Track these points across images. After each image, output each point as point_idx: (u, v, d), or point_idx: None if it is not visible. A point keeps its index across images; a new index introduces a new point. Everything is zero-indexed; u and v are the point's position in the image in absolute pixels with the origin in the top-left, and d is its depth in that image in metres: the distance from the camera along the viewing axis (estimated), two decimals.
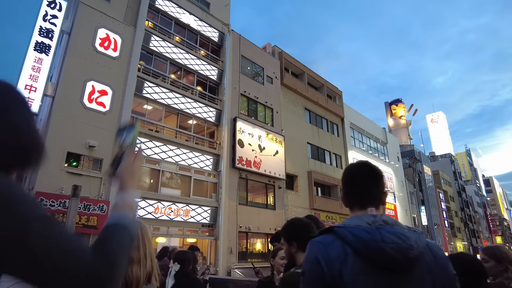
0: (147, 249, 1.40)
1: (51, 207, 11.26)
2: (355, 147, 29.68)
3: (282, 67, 23.65)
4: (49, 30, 13.81)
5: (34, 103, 12.78)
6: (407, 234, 1.14)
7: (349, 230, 1.17)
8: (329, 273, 1.10)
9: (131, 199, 0.94)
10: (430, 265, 1.14)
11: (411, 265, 1.11)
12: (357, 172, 1.37)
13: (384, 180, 1.36)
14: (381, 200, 1.32)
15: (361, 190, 1.32)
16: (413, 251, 1.11)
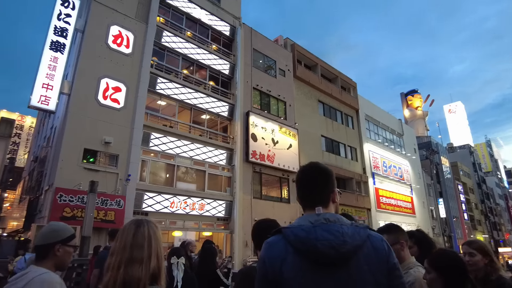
0: (153, 249, 1.35)
1: (70, 202, 11.53)
2: (370, 139, 29.22)
3: (294, 59, 23.39)
4: (63, 29, 14.03)
5: (51, 101, 13.04)
6: (342, 230, 1.21)
7: (291, 230, 1.27)
8: (271, 271, 1.21)
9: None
10: (369, 257, 1.22)
11: (346, 259, 1.18)
12: (306, 174, 1.44)
13: (333, 180, 1.43)
14: (329, 200, 1.38)
15: (310, 191, 1.40)
16: (346, 246, 1.18)
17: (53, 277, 1.72)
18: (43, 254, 1.82)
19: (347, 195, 23.92)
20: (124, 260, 1.27)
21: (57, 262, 1.84)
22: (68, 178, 11.82)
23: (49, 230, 1.87)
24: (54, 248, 1.82)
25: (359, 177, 25.63)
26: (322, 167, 1.45)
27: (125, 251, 1.30)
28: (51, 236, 1.84)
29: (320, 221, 1.27)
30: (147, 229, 1.37)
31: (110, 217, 12.27)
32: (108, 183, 12.71)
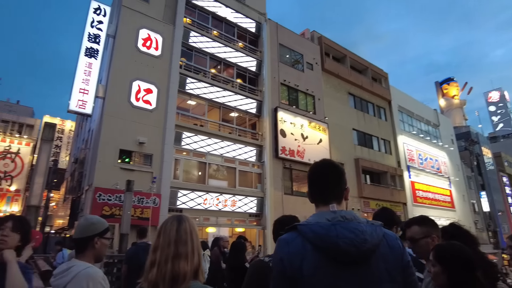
0: (194, 244, 1.37)
1: (109, 201, 12.05)
2: (404, 131, 28.12)
3: (322, 52, 22.94)
4: (96, 36, 14.66)
5: (88, 105, 13.69)
6: (361, 229, 1.23)
7: (309, 227, 1.26)
8: (290, 268, 1.20)
9: None
10: (385, 255, 1.24)
11: (366, 256, 1.20)
12: (319, 170, 1.45)
13: (345, 177, 1.45)
14: (342, 197, 1.41)
15: (323, 187, 1.41)
16: (366, 244, 1.20)
17: (97, 272, 1.78)
18: (83, 247, 1.88)
19: (382, 190, 23.21)
20: (171, 256, 1.30)
21: (96, 254, 1.90)
22: (105, 178, 12.36)
23: (87, 223, 1.92)
24: (93, 241, 1.87)
25: (393, 171, 24.78)
26: (335, 164, 1.47)
27: (169, 247, 1.32)
28: (89, 229, 1.89)
29: (337, 219, 1.27)
30: (188, 225, 1.40)
31: (146, 214, 12.70)
32: (143, 182, 13.15)
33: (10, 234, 2.02)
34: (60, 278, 1.77)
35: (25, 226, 2.14)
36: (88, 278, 1.72)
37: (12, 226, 2.05)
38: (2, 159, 27.43)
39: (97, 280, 1.73)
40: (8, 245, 2.00)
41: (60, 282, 1.75)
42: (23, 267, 2.03)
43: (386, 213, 2.57)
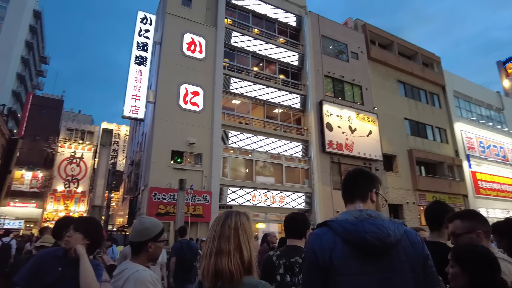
0: (241, 240, 1.35)
1: (163, 200, 12.70)
2: (462, 117, 26.04)
3: (367, 40, 22.01)
4: (144, 44, 15.45)
5: (140, 110, 14.50)
6: (385, 225, 1.39)
7: (339, 223, 1.43)
8: (322, 259, 1.36)
9: None
10: (406, 249, 1.39)
11: (389, 249, 1.36)
12: (349, 174, 1.65)
13: (374, 182, 1.58)
14: (368, 198, 1.54)
15: (351, 188, 1.59)
16: (390, 238, 1.36)
17: (145, 275, 1.84)
18: (138, 250, 1.96)
19: (438, 181, 21.77)
20: (214, 251, 1.31)
21: (149, 257, 1.98)
22: (160, 178, 13.05)
23: (142, 227, 1.99)
24: (147, 245, 1.95)
25: (451, 161, 23.10)
26: (364, 170, 1.65)
27: (214, 241, 1.33)
28: (143, 234, 1.96)
29: (364, 216, 1.43)
30: (234, 221, 1.38)
31: (198, 211, 13.20)
32: (194, 181, 13.67)
33: (73, 234, 2.18)
34: (116, 281, 1.89)
35: (86, 226, 2.27)
36: (136, 282, 1.80)
37: (74, 227, 2.22)
38: (69, 164, 30.12)
39: (144, 284, 1.80)
40: (71, 245, 2.16)
41: (116, 284, 1.87)
42: (94, 263, 2.20)
43: (438, 206, 2.39)
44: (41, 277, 2.07)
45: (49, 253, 2.27)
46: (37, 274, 2.09)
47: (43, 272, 2.08)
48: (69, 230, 2.22)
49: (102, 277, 2.29)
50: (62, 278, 2.07)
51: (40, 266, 2.12)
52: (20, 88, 33.66)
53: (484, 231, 1.88)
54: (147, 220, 2.04)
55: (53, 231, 2.76)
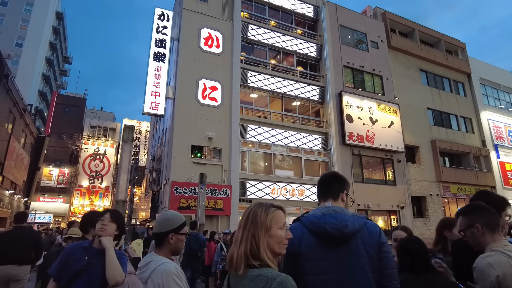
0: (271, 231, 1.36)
1: (185, 194, 12.90)
2: (489, 106, 24.98)
3: (387, 28, 21.39)
4: (162, 40, 15.59)
5: (160, 106, 14.70)
6: (345, 218, 1.64)
7: (307, 218, 1.73)
8: (292, 248, 1.56)
9: None
10: (364, 238, 1.64)
11: (349, 238, 1.61)
12: (323, 177, 1.94)
13: (344, 185, 1.88)
14: (339, 197, 1.83)
15: (326, 189, 1.86)
16: (348, 229, 1.61)
17: (170, 268, 1.86)
18: (160, 241, 1.99)
19: (464, 173, 21.05)
20: (245, 237, 1.34)
21: (172, 249, 2.00)
22: (181, 173, 13.25)
23: (163, 219, 2.02)
24: (168, 237, 1.96)
25: (477, 151, 22.27)
26: (338, 174, 1.96)
27: (246, 228, 1.37)
28: (164, 225, 1.99)
29: (329, 211, 1.70)
30: (262, 211, 1.40)
31: (219, 205, 13.33)
32: (214, 175, 13.81)
33: (109, 224, 2.34)
34: (142, 273, 1.92)
35: (119, 217, 2.46)
36: (162, 274, 1.82)
37: (110, 217, 2.37)
38: (93, 160, 31.07)
39: (170, 276, 1.82)
40: (107, 233, 2.31)
41: (142, 276, 1.91)
42: (119, 253, 2.31)
43: (482, 196, 2.33)
44: (70, 266, 2.23)
45: (76, 245, 2.42)
46: (66, 264, 2.25)
47: (71, 262, 2.24)
48: (103, 219, 2.33)
49: (127, 268, 2.36)
50: (89, 266, 2.21)
51: (68, 257, 2.29)
52: (46, 88, 34.84)
53: (483, 224, 1.85)
54: (169, 212, 2.08)
55: (80, 225, 2.88)
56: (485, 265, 1.69)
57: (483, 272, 1.67)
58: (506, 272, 1.63)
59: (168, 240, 1.96)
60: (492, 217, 1.89)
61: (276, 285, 1.24)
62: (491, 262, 1.68)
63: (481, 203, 2.01)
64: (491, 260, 1.69)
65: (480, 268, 1.70)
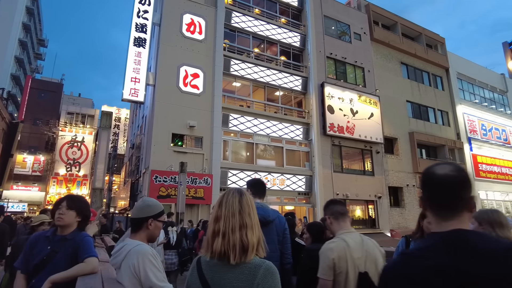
0: (256, 217, 1.39)
1: (164, 182, 12.75)
2: (464, 100, 25.78)
3: (370, 20, 21.54)
4: (143, 25, 15.13)
5: (140, 93, 14.35)
6: (268, 210, 2.73)
7: None
8: None
9: None
10: (277, 224, 2.75)
11: (269, 223, 2.66)
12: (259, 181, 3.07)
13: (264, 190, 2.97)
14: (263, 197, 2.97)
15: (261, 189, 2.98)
16: (269, 218, 2.68)
17: (146, 249, 1.86)
18: (138, 226, 1.98)
19: None
20: (237, 226, 1.32)
21: (149, 235, 1.99)
22: (160, 161, 13.06)
23: (144, 205, 2.02)
24: (147, 222, 1.96)
25: (452, 144, 23.04)
26: (259, 181, 3.09)
27: (234, 217, 1.34)
28: (145, 211, 1.98)
29: (259, 205, 2.49)
30: (249, 199, 1.42)
31: (199, 194, 13.27)
32: (195, 163, 13.69)
33: (66, 212, 2.27)
34: (115, 257, 1.90)
35: (77, 203, 2.35)
36: (137, 254, 1.81)
37: (66, 204, 2.30)
38: (70, 148, 30.19)
39: (146, 256, 1.81)
40: (64, 222, 2.25)
41: (116, 260, 1.89)
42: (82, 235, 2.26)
43: None
44: (33, 256, 2.19)
45: (39, 235, 2.38)
46: (30, 254, 2.22)
47: (35, 252, 2.20)
48: (60, 208, 2.26)
49: (102, 256, 2.31)
50: (52, 254, 2.17)
51: (32, 247, 2.24)
52: (19, 71, 33.32)
53: (330, 214, 2.37)
54: (149, 199, 2.10)
55: (52, 212, 2.80)
56: (326, 249, 2.14)
57: (324, 254, 2.13)
58: (341, 255, 2.08)
59: (147, 225, 1.96)
60: (335, 207, 2.36)
61: (262, 271, 1.25)
62: (332, 247, 2.13)
63: (334, 199, 2.77)
64: (332, 246, 2.14)
65: (323, 251, 2.16)
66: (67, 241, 2.17)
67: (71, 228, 2.28)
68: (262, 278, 1.23)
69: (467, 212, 1.02)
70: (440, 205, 1.03)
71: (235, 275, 1.25)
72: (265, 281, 1.23)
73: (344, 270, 2.06)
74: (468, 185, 1.04)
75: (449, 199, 1.02)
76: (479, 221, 2.18)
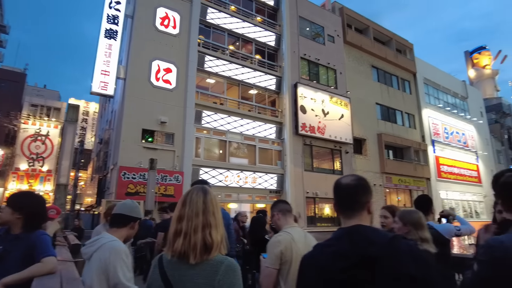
0: (219, 216, 1.40)
1: (133, 179, 12.45)
2: (430, 104, 27.06)
3: (344, 23, 22.06)
4: (115, 17, 14.64)
5: (109, 86, 13.90)
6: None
7: None
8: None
9: None
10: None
11: None
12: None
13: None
14: None
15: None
16: None
17: (121, 245, 1.85)
18: (123, 223, 1.95)
19: (405, 165, 22.72)
20: (200, 225, 1.31)
21: (129, 235, 1.99)
22: (130, 157, 12.72)
23: (134, 206, 2.05)
24: (134, 222, 1.98)
25: (417, 146, 24.12)
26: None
27: (198, 217, 1.33)
28: (135, 211, 2.01)
29: None
30: (213, 197, 1.41)
31: (170, 191, 13.06)
32: (166, 160, 13.46)
33: (4, 209, 2.16)
34: (88, 247, 1.87)
35: (16, 200, 2.21)
36: (111, 250, 1.79)
37: (7, 202, 2.20)
38: (34, 141, 28.69)
39: (119, 253, 1.79)
40: (2, 220, 2.15)
41: (88, 250, 1.85)
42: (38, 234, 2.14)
43: (424, 198, 3.46)
44: None
45: None
46: None
47: None
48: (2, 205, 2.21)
49: (65, 255, 2.24)
50: (5, 253, 2.06)
51: None
52: None
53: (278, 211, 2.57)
54: (136, 203, 2.14)
55: None
56: (275, 241, 2.33)
57: (272, 246, 2.31)
58: (287, 247, 2.27)
59: (132, 225, 1.97)
60: (282, 205, 2.59)
61: (224, 268, 1.26)
62: (280, 239, 2.32)
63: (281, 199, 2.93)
64: (280, 238, 2.33)
65: (271, 243, 2.35)
66: (20, 240, 2.05)
67: (16, 226, 2.12)
68: (223, 274, 1.25)
69: (365, 212, 1.32)
70: (344, 208, 1.35)
71: (197, 272, 1.26)
72: (227, 277, 1.25)
73: (289, 260, 2.26)
74: (365, 192, 1.35)
75: (350, 203, 1.33)
76: (404, 221, 2.45)
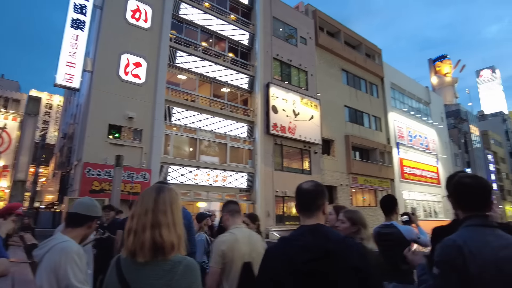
0: (175, 215, 1.35)
1: (98, 176, 12.01)
2: (395, 108, 28.24)
3: (316, 26, 22.48)
4: (82, 6, 14.01)
5: (75, 79, 13.30)
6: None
7: None
8: None
9: None
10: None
11: None
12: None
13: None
14: None
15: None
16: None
17: (72, 246, 1.75)
18: (79, 223, 1.86)
19: (370, 166, 23.56)
20: (149, 224, 1.28)
21: (86, 234, 1.90)
22: (95, 153, 12.25)
23: (93, 204, 1.94)
24: (92, 222, 1.89)
25: (383, 148, 25.10)
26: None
27: (147, 215, 1.30)
28: (94, 210, 1.90)
29: None
30: (168, 196, 1.36)
31: (136, 189, 12.71)
32: (133, 157, 13.09)
33: None
34: (39, 249, 1.78)
35: None
36: (61, 251, 1.71)
37: None
38: None
39: (70, 254, 1.71)
40: None
41: (39, 253, 1.76)
42: None
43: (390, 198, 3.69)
44: None
45: None
46: None
47: None
48: None
49: (16, 255, 2.13)
50: None
51: None
52: None
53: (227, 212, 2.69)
54: (95, 201, 2.04)
55: None
56: (219, 242, 2.42)
57: (216, 246, 2.40)
58: (230, 247, 2.37)
59: (90, 225, 1.89)
60: (232, 206, 2.71)
61: (182, 268, 1.24)
62: (224, 240, 2.42)
63: (231, 200, 2.92)
64: (224, 239, 2.42)
65: (216, 243, 2.45)
66: None
67: None
68: (181, 275, 1.23)
69: (321, 213, 1.58)
70: (304, 209, 1.60)
71: (154, 272, 1.24)
72: (185, 277, 1.23)
73: (231, 259, 2.35)
74: (322, 196, 1.60)
75: (309, 205, 1.59)
76: (352, 221, 2.61)
